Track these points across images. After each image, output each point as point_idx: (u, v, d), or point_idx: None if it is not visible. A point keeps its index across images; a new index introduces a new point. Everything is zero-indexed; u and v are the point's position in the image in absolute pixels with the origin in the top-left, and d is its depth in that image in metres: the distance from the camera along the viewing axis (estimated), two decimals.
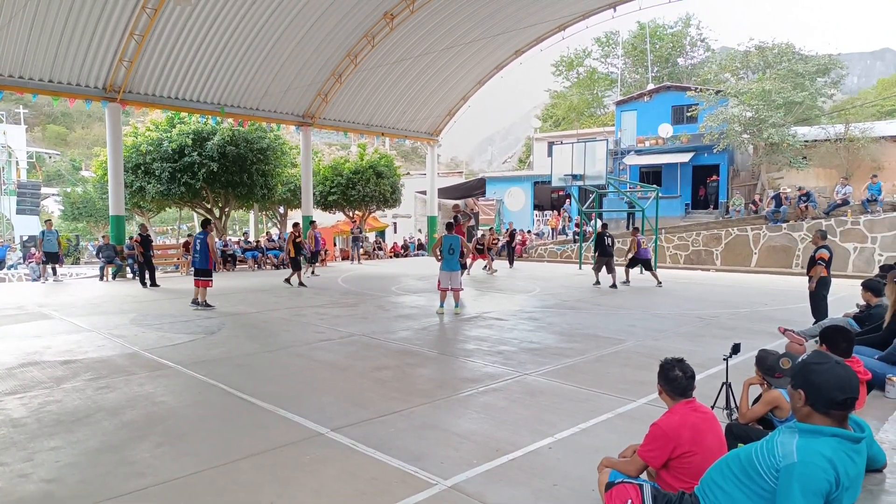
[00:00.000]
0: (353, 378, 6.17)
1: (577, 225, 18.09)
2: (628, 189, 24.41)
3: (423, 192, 31.35)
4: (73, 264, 26.96)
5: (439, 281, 10.26)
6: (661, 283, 14.42)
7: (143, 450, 4.22)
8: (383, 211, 31.86)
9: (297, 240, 15.19)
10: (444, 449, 4.23)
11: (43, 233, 17.00)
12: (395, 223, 38.27)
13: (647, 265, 15.31)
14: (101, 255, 17.94)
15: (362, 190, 27.26)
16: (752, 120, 22.95)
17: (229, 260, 20.45)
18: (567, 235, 27.65)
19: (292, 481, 3.71)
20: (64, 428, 4.65)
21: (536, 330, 8.76)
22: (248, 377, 6.16)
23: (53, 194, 43.86)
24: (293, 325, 9.29)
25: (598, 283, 14.76)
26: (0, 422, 4.79)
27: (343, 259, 25.93)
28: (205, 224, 11.71)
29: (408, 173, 37.75)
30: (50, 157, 57.92)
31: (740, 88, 23.59)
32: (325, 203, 27.95)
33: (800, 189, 20.32)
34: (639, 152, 28.51)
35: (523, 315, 10.16)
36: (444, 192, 34.51)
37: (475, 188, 38.12)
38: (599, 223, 18.47)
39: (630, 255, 15.54)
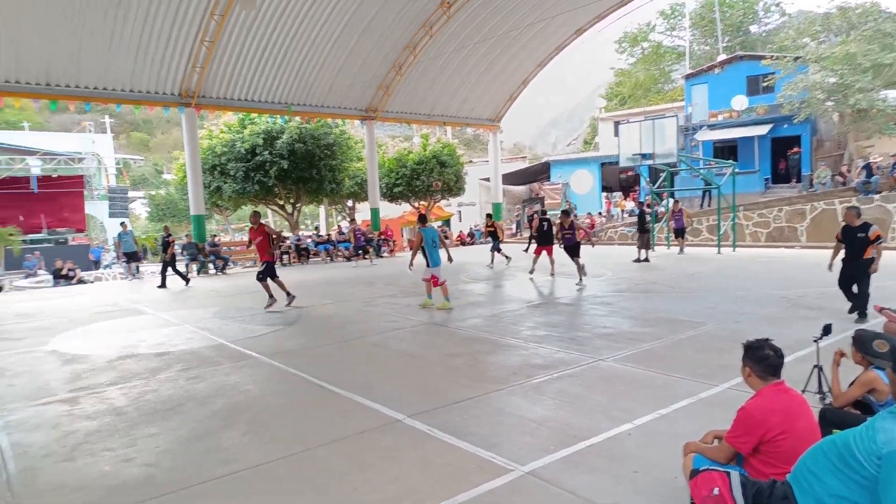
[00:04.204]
0: (426, 366, 6.26)
1: (647, 205, 17.50)
2: (702, 166, 23.38)
3: (487, 179, 31.22)
4: (161, 262, 28.58)
5: (435, 277, 9.61)
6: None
7: (231, 437, 4.45)
8: (448, 200, 31.99)
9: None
10: (519, 435, 4.22)
11: (119, 235, 18.11)
12: (459, 212, 38.34)
13: (681, 233, 17.78)
14: (184, 252, 18.95)
15: (426, 180, 27.45)
16: (836, 86, 21.40)
17: (303, 253, 21.13)
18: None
19: (372, 467, 3.81)
20: (160, 416, 4.97)
21: (609, 315, 8.58)
22: (326, 366, 6.35)
23: (140, 197, 46.64)
24: (366, 314, 9.51)
25: (647, 259, 15.68)
26: (105, 410, 5.17)
27: (410, 248, 26.24)
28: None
29: (470, 161, 37.63)
30: (135, 163, 61.51)
31: (822, 53, 22.00)
32: (390, 195, 28.35)
33: (893, 157, 18.83)
34: (711, 127, 27.21)
35: (595, 300, 9.96)
36: (508, 178, 34.20)
37: (539, 172, 37.57)
38: (636, 202, 19.06)
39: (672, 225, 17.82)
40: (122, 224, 18.99)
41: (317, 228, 26.82)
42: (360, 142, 27.14)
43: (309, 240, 22.55)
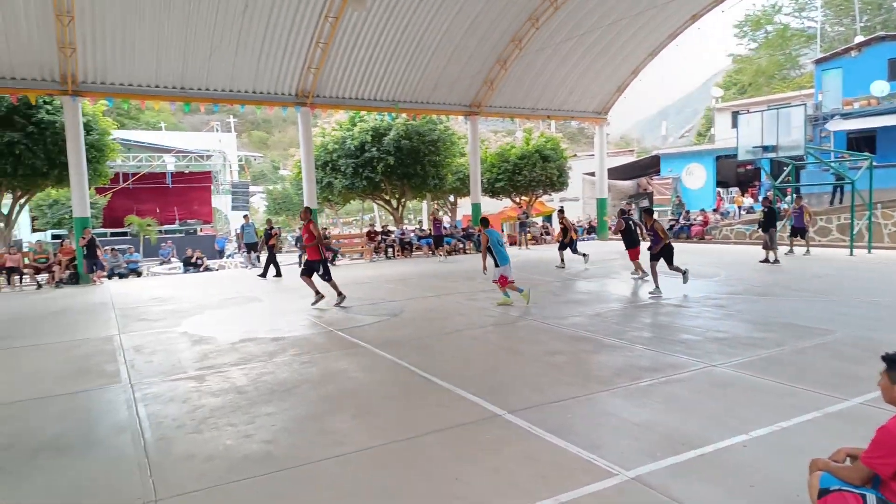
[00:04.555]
0: (527, 362, 6.23)
1: (768, 201, 16.22)
2: (834, 159, 21.35)
3: (592, 174, 30.40)
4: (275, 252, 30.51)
5: (503, 276, 9.60)
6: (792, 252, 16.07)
7: (341, 420, 4.67)
8: (550, 195, 31.51)
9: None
10: (624, 439, 4.10)
11: (243, 227, 19.49)
12: (561, 207, 37.59)
13: (801, 233, 16.27)
14: (298, 244, 20.08)
15: (528, 175, 27.20)
16: None
17: (406, 247, 21.70)
18: (756, 214, 25.02)
19: (473, 459, 3.86)
20: (277, 396, 5.31)
21: (723, 318, 8.09)
22: (429, 357, 6.50)
23: (259, 192, 49.94)
24: (467, 308, 9.61)
25: (776, 260, 14.47)
26: (228, 388, 5.61)
27: (511, 244, 26.17)
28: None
29: (574, 155, 36.81)
30: (254, 160, 65.94)
31: None
32: (492, 190, 28.38)
33: None
34: (845, 116, 24.76)
35: (708, 302, 9.43)
36: (615, 173, 33.10)
37: (648, 167, 36.02)
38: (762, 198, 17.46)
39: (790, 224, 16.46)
40: (244, 217, 20.45)
41: (419, 223, 27.40)
42: (463, 137, 27.38)
43: (412, 234, 23.11)
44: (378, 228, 23.10)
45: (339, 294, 10.22)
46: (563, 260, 15.20)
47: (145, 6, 15.03)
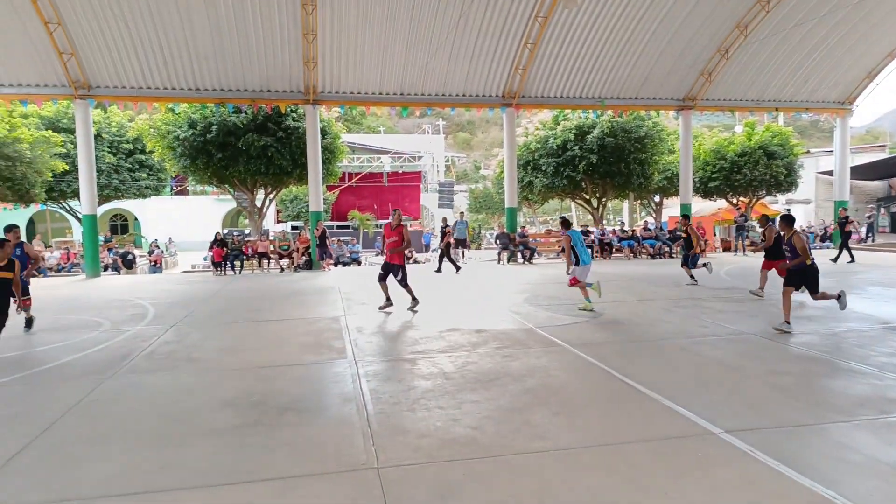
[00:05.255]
0: (745, 379, 5.68)
1: None
2: None
3: (828, 173, 26.50)
4: (476, 249, 31.81)
5: (574, 278, 9.47)
6: None
7: (541, 415, 4.73)
8: (774, 196, 28.20)
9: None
10: (868, 479, 3.55)
11: (456, 222, 20.54)
12: (787, 210, 33.40)
13: None
14: (498, 241, 20.68)
15: (749, 173, 24.64)
16: None
17: (606, 248, 21.09)
18: None
19: (684, 475, 3.65)
20: (481, 385, 5.56)
21: None
22: (632, 363, 6.26)
23: (462, 191, 52.35)
24: (673, 315, 9.05)
25: None
26: (437, 373, 6.01)
27: (724, 250, 23.95)
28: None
29: (807, 151, 32.38)
30: (458, 160, 69.24)
31: None
32: (704, 190, 26.27)
33: None
34: None
35: None
36: (859, 172, 28.46)
37: None
38: None
39: None
40: (460, 213, 21.65)
41: (621, 224, 26.40)
42: (673, 133, 25.73)
43: (612, 235, 22.37)
44: (577, 228, 22.78)
45: (414, 299, 9.87)
46: (691, 275, 12.79)
47: (374, 22, 16.68)
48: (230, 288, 14.24)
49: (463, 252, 20.49)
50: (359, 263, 21.57)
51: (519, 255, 19.95)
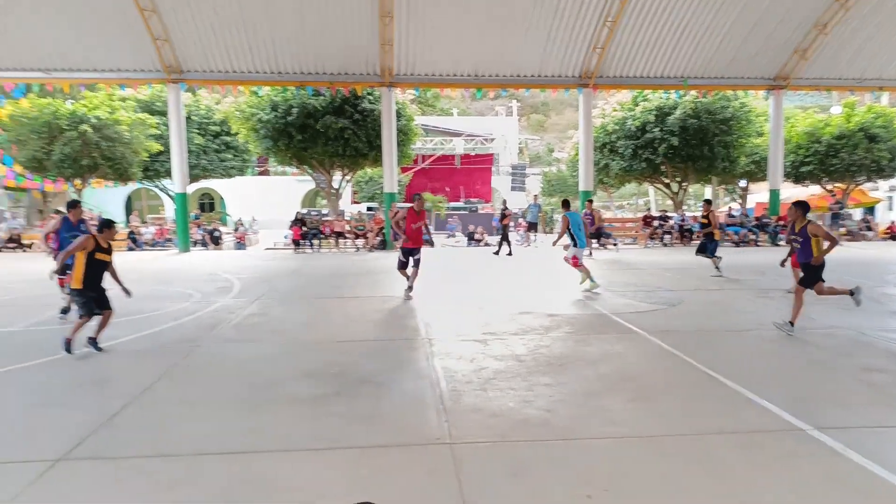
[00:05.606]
0: (835, 375, 5.37)
1: None
2: None
3: None
4: (546, 233, 31.45)
5: (576, 258, 9.98)
6: None
7: (616, 402, 4.67)
8: (875, 182, 26.18)
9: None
10: None
11: (529, 206, 20.36)
12: (890, 197, 30.99)
13: None
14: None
15: (847, 158, 22.95)
16: None
17: (686, 235, 20.34)
18: None
19: (768, 470, 3.51)
20: (553, 369, 5.53)
21: None
22: (711, 353, 6.05)
23: (535, 173, 51.69)
24: (756, 306, 8.63)
25: None
26: (508, 355, 6.03)
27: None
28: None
29: None
30: (531, 142, 68.30)
31: None
32: (796, 175, 24.72)
33: None
34: None
35: None
36: None
37: None
38: None
39: None
40: (534, 196, 21.46)
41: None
42: (762, 115, 24.29)
43: (693, 222, 21.49)
44: (655, 213, 22.04)
45: (410, 287, 9.57)
46: (717, 266, 11.87)
47: (449, 2, 16.62)
48: (309, 265, 14.80)
49: (535, 236, 20.32)
50: (431, 245, 21.86)
51: (594, 241, 19.55)
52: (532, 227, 20.20)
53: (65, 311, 7.85)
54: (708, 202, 12.02)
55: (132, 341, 6.80)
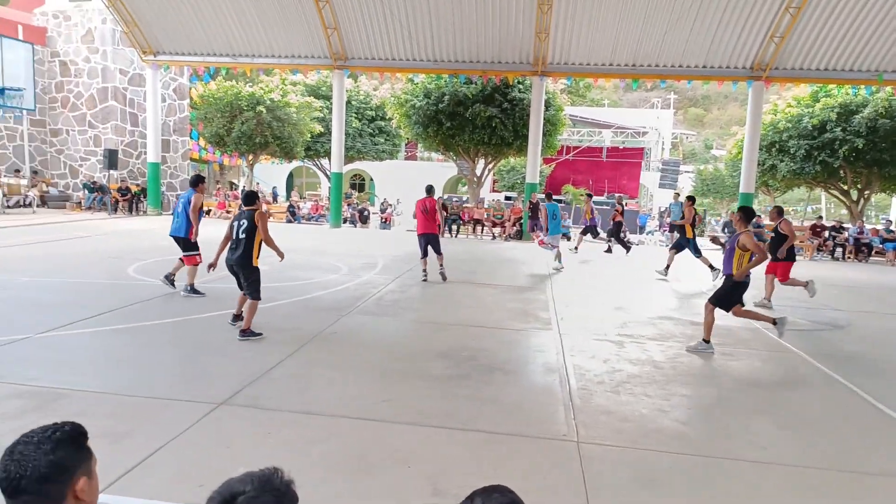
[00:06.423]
0: None
1: None
2: None
3: None
4: (698, 237, 29.44)
5: (542, 240, 11.90)
6: None
7: (764, 424, 4.31)
8: None
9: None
10: None
11: (670, 205, 19.19)
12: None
13: None
14: (725, 230, 18.88)
15: None
16: None
17: (862, 249, 18.04)
18: None
19: None
20: (693, 380, 5.23)
21: None
22: (882, 384, 5.35)
23: (688, 171, 48.53)
24: None
25: None
26: (645, 360, 5.79)
27: None
28: None
29: None
30: (686, 138, 64.06)
31: None
32: None
33: None
34: None
35: None
36: None
37: None
38: None
39: None
40: (675, 195, 20.27)
41: (887, 223, 22.16)
42: None
43: (873, 235, 18.96)
44: (826, 223, 19.76)
45: (425, 272, 10.08)
46: (711, 266, 11.10)
47: None
48: (447, 249, 15.12)
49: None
50: (568, 238, 21.38)
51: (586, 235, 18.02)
52: (674, 227, 19.04)
53: (169, 277, 7.95)
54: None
55: (286, 304, 7.48)
